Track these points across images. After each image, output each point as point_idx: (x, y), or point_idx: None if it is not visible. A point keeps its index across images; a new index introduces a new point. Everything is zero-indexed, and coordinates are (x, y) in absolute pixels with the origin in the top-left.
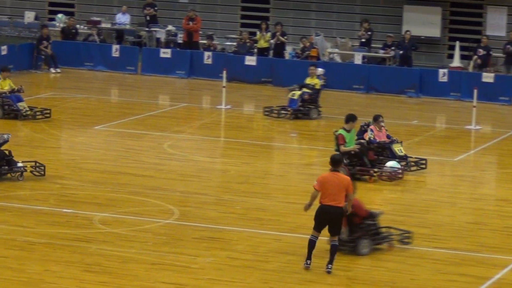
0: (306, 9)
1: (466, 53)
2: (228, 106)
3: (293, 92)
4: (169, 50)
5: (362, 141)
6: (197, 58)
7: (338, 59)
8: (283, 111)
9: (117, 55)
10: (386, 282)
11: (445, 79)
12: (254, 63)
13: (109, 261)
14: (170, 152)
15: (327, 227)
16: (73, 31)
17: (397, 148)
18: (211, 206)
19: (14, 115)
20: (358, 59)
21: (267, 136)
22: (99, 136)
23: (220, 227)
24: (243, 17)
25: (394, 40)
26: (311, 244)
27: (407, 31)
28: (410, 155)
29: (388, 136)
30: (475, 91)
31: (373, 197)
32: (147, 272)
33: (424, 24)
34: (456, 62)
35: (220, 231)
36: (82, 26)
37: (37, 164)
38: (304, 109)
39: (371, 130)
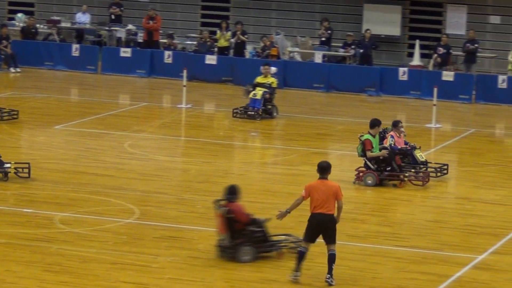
0: (267, 8)
1: (426, 51)
2: (189, 105)
3: (254, 92)
4: (129, 49)
5: (386, 145)
6: (158, 57)
7: (298, 58)
8: (252, 112)
9: (77, 55)
10: (348, 281)
11: (405, 77)
12: (214, 62)
13: (70, 261)
14: (131, 151)
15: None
16: (33, 30)
17: (418, 154)
18: (171, 205)
19: None
20: (318, 58)
21: (228, 135)
22: (59, 135)
23: (180, 226)
24: (203, 16)
25: (354, 39)
26: (301, 255)
27: (367, 29)
28: (430, 161)
29: (405, 142)
30: (435, 90)
31: None
32: (107, 272)
33: (384, 22)
34: (416, 61)
35: (181, 230)
36: (42, 26)
37: (28, 166)
38: (267, 109)
39: (392, 137)
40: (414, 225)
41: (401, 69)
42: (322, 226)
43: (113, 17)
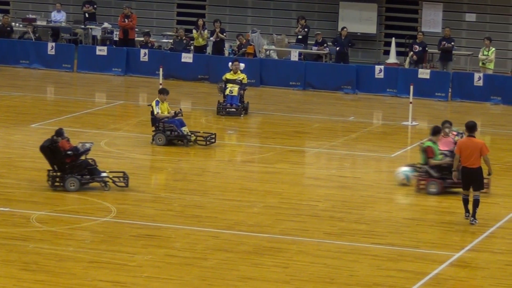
0: (242, 5)
1: (402, 49)
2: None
3: (231, 89)
4: (105, 48)
5: (446, 152)
6: (133, 56)
7: (274, 56)
8: (232, 109)
9: (53, 53)
10: (325, 278)
11: (381, 75)
12: (190, 60)
13: (47, 259)
14: (107, 149)
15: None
16: (8, 28)
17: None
18: (148, 203)
19: (180, 141)
20: (294, 56)
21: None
22: (35, 134)
23: (157, 225)
24: (179, 14)
25: (326, 36)
26: (464, 201)
27: (344, 27)
28: None
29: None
30: (411, 87)
31: (311, 193)
32: (84, 270)
33: (360, 20)
34: (392, 59)
35: (158, 228)
36: (17, 24)
37: (124, 175)
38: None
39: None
40: (391, 222)
41: (377, 67)
42: (468, 177)
43: (87, 15)
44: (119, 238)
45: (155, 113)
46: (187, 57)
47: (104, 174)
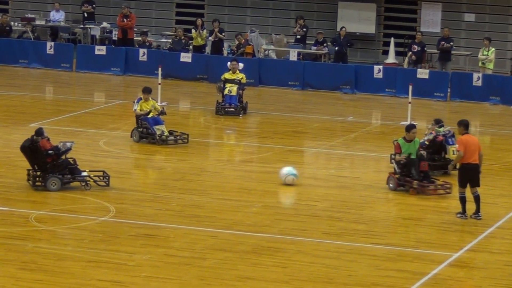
0: (241, 5)
1: (401, 49)
2: (164, 103)
3: (229, 89)
4: (104, 47)
5: (422, 152)
6: (132, 55)
7: (273, 55)
8: (231, 109)
9: (51, 52)
10: (323, 278)
11: (380, 75)
12: (189, 60)
13: (45, 259)
14: (106, 149)
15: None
16: (7, 28)
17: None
18: (147, 203)
19: (152, 139)
20: (293, 55)
21: (203, 133)
22: None
23: (156, 224)
24: (178, 14)
25: (324, 36)
26: (463, 199)
27: (343, 27)
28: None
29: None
30: (410, 87)
31: (310, 193)
32: (83, 270)
33: (359, 20)
34: (391, 59)
35: (157, 228)
36: (16, 23)
37: (104, 174)
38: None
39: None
40: (390, 222)
41: (376, 67)
42: (471, 173)
43: (85, 15)
44: (118, 237)
45: (133, 110)
46: (186, 57)
47: (84, 174)
